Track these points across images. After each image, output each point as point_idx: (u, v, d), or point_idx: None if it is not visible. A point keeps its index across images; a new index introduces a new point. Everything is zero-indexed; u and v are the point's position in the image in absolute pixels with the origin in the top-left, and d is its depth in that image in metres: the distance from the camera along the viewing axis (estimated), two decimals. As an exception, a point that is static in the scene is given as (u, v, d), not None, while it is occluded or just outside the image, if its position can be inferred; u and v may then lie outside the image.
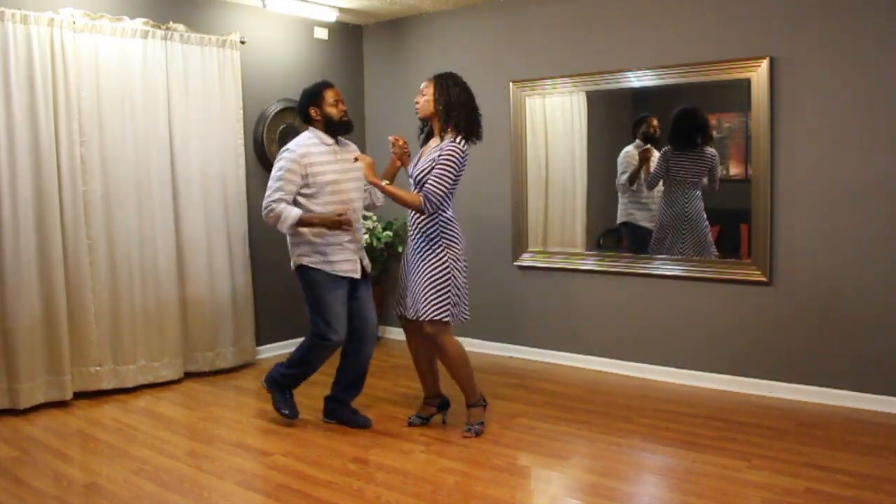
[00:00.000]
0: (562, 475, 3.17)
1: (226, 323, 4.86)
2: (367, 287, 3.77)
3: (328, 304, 3.59)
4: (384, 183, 3.46)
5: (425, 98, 3.51)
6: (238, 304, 4.93)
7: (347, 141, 3.77)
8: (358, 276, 3.67)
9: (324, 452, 3.43)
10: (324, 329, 3.60)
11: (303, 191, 3.56)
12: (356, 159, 3.56)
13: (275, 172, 3.56)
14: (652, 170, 4.57)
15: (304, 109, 3.63)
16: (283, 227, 3.51)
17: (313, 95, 3.62)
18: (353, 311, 3.70)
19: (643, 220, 4.72)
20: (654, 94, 4.54)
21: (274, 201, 3.51)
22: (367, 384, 4.59)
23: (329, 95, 3.62)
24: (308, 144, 3.58)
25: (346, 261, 3.63)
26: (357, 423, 3.78)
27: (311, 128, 3.65)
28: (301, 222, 3.49)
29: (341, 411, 3.83)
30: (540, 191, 5.03)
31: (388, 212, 5.77)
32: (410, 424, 3.75)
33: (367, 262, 3.76)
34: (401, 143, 3.67)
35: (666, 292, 4.51)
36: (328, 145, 3.62)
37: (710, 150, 4.39)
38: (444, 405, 3.84)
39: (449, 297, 3.47)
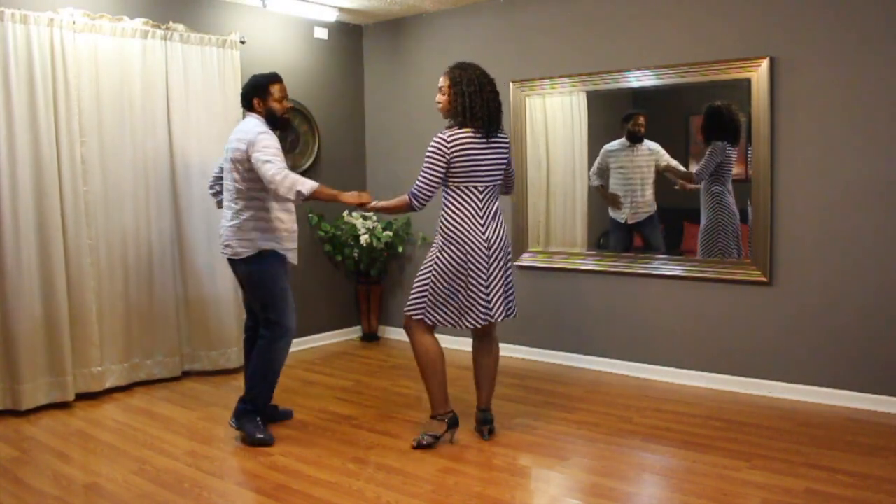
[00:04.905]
0: (562, 475, 3.17)
1: (228, 322, 4.85)
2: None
3: (286, 290, 3.61)
4: (374, 203, 3.43)
5: (445, 98, 3.37)
6: (240, 303, 4.92)
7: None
8: (296, 262, 3.73)
9: (324, 452, 3.43)
10: (287, 318, 3.60)
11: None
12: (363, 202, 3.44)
13: (268, 145, 3.39)
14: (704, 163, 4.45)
15: (249, 98, 3.58)
16: (304, 189, 3.28)
17: (260, 88, 3.56)
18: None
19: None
20: (653, 94, 4.53)
21: (283, 168, 3.35)
22: (367, 384, 4.61)
23: (276, 90, 3.57)
24: (266, 130, 3.49)
25: (293, 249, 3.66)
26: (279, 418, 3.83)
27: (254, 115, 3.57)
28: (317, 192, 3.34)
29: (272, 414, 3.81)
30: (540, 191, 5.03)
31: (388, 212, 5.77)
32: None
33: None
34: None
35: (666, 292, 4.51)
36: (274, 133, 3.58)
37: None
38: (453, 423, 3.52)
39: (426, 296, 3.39)
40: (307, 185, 3.31)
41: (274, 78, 3.61)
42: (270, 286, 3.57)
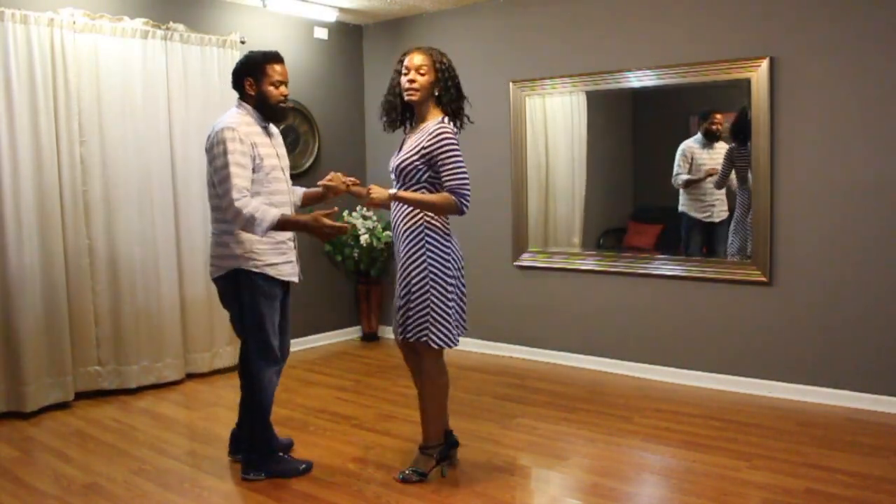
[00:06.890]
0: (562, 475, 3.17)
1: (225, 322, 4.84)
2: (288, 298, 3.26)
3: (271, 315, 3.07)
4: (395, 191, 2.96)
5: (426, 78, 2.95)
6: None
7: (275, 130, 3.21)
8: (297, 279, 3.19)
9: (324, 452, 3.43)
10: (271, 347, 3.10)
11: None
12: (369, 191, 3.00)
13: (221, 157, 2.87)
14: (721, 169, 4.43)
15: (239, 79, 3.05)
16: (259, 231, 2.85)
17: (254, 66, 3.02)
18: (280, 326, 3.19)
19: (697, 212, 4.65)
20: (653, 94, 4.54)
21: (240, 197, 2.84)
22: (367, 384, 4.61)
23: (273, 72, 3.02)
24: (243, 122, 2.98)
25: (289, 262, 3.12)
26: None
27: (240, 104, 3.07)
28: (281, 224, 2.87)
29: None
30: (540, 190, 5.03)
31: (388, 211, 5.77)
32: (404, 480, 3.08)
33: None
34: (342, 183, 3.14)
35: (666, 292, 4.51)
36: (263, 127, 3.07)
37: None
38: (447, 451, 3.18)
39: (441, 315, 2.96)
40: (266, 222, 2.84)
41: (273, 56, 3.05)
42: (248, 307, 3.09)
